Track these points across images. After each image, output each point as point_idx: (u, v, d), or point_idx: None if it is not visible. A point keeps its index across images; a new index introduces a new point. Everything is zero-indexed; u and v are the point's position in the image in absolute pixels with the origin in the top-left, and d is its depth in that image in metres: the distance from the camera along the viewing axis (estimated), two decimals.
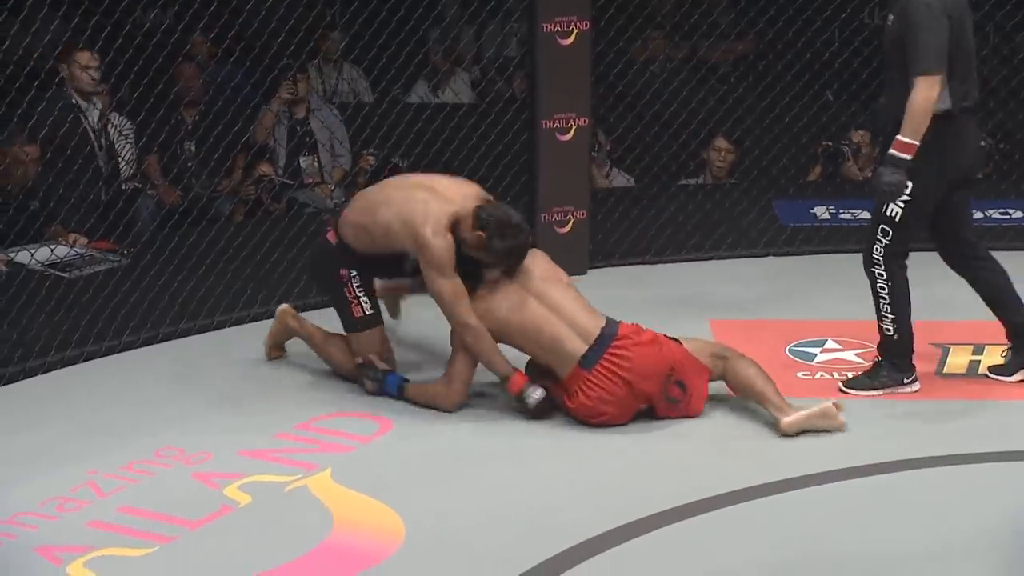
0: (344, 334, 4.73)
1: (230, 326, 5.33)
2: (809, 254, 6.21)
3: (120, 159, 6.37)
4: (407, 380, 4.62)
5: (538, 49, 5.66)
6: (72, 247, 5.96)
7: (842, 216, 6.60)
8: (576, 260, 5.64)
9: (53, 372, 4.89)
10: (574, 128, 5.73)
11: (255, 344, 5.12)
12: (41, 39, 5.72)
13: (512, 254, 4.46)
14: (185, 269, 5.55)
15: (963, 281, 4.60)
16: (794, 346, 5.02)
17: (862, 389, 4.57)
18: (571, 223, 5.80)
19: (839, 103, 7.11)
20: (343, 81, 7.60)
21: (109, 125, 6.32)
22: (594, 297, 4.60)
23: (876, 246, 4.41)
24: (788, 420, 4.28)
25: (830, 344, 5.03)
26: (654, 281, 4.58)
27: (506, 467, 4.16)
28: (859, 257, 4.35)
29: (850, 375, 4.68)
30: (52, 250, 5.75)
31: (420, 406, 4.54)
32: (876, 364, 4.60)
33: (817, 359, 4.92)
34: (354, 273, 4.63)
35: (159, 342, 5.18)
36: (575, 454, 4.25)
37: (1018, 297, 4.60)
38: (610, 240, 6.05)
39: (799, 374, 4.79)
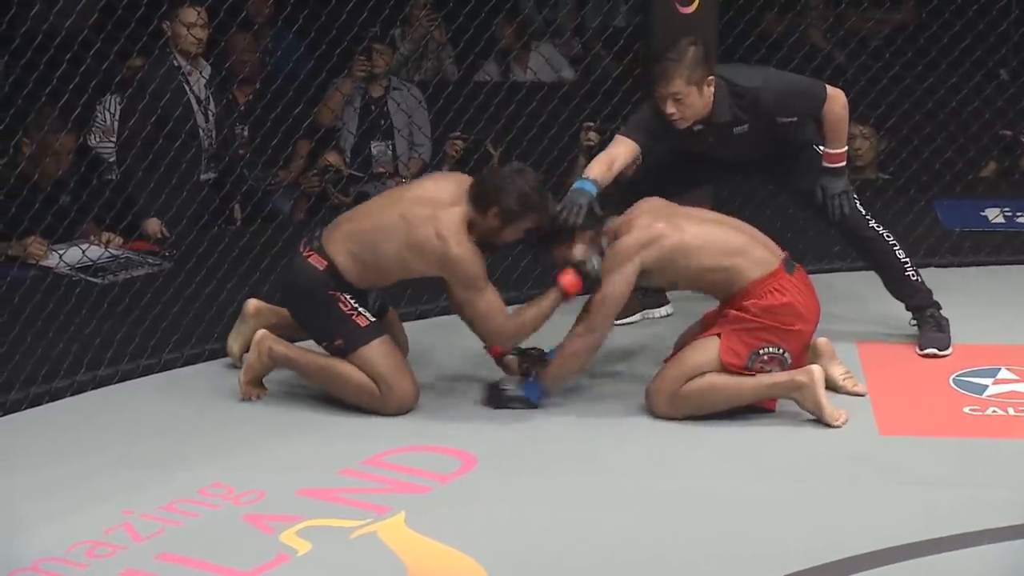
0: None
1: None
2: (978, 265, 6.17)
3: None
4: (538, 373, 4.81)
5: (655, 18, 5.66)
6: (106, 248, 6.04)
7: (1019, 220, 6.54)
8: None
9: (84, 394, 4.96)
10: None
11: None
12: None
13: (535, 204, 4.57)
14: (236, 276, 5.60)
15: None
16: (960, 375, 4.98)
17: (946, 347, 5.16)
18: None
19: (1017, 84, 7.01)
20: (429, 57, 7.64)
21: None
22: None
23: (867, 214, 5.19)
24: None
25: (1004, 374, 4.99)
26: None
27: (607, 510, 4.15)
28: None
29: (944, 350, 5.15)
30: (83, 251, 5.83)
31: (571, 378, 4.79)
32: (930, 316, 5.20)
33: (988, 392, 4.87)
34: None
35: (205, 360, 5.24)
36: (686, 496, 4.23)
37: None
38: None
39: (967, 409, 4.74)
